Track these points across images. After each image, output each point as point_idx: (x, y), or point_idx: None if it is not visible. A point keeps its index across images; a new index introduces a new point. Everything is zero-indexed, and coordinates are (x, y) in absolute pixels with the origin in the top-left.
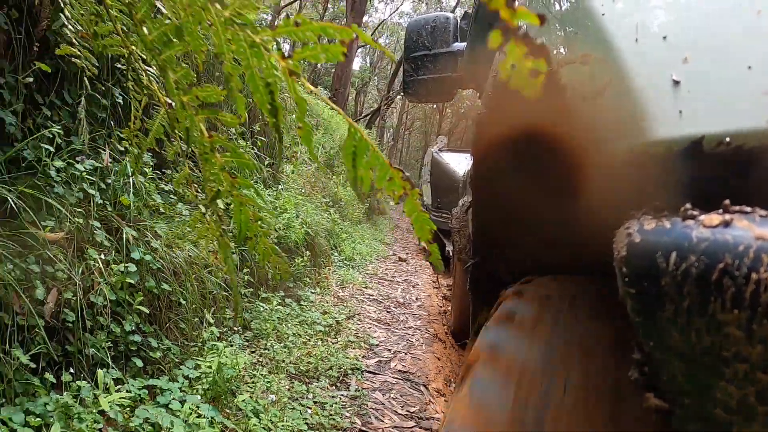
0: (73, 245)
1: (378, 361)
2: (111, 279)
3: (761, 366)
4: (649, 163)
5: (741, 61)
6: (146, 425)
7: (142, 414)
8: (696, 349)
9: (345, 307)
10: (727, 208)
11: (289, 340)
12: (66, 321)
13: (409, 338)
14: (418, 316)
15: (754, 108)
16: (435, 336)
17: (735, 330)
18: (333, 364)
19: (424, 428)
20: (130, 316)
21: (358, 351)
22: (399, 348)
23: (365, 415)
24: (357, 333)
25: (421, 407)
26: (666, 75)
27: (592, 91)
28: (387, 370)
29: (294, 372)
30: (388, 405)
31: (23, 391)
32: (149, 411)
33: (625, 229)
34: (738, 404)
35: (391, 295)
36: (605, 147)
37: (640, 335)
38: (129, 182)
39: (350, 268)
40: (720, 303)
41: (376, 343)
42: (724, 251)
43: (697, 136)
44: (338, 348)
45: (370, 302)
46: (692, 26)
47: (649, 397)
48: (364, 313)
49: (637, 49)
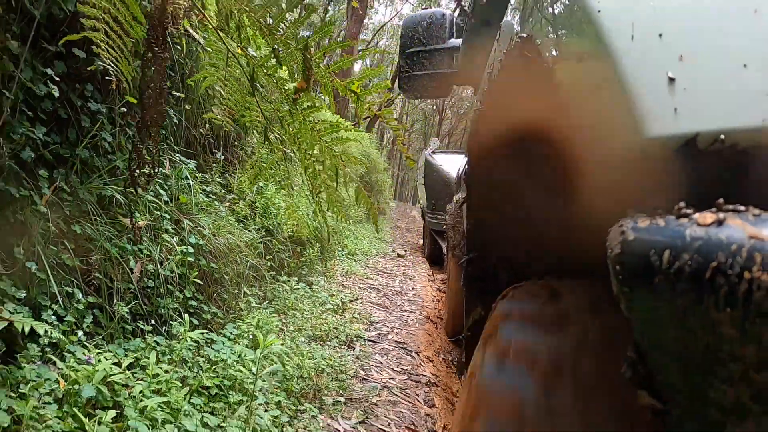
0: (151, 230)
1: (378, 334)
2: (176, 257)
3: (755, 365)
4: (643, 161)
5: (736, 59)
6: (210, 360)
7: (208, 353)
8: (690, 348)
9: (349, 293)
10: (720, 206)
11: (304, 313)
12: (147, 287)
13: (405, 318)
14: (414, 302)
15: (748, 106)
16: (427, 317)
17: (728, 329)
18: (341, 332)
19: (413, 380)
20: (189, 286)
21: (361, 325)
22: (396, 325)
23: (367, 368)
24: (360, 312)
25: (412, 367)
26: (661, 73)
27: (588, 89)
28: (385, 340)
29: (311, 335)
30: (386, 364)
31: (120, 335)
32: (210, 350)
33: (618, 227)
34: (732, 403)
35: (389, 285)
36: (600, 144)
37: (634, 333)
38: (186, 185)
39: (353, 262)
40: (713, 302)
41: (376, 320)
42: (717, 250)
43: (692, 133)
44: (345, 322)
45: (370, 290)
46: (688, 24)
47: (643, 395)
48: (366, 298)
49: (632, 47)
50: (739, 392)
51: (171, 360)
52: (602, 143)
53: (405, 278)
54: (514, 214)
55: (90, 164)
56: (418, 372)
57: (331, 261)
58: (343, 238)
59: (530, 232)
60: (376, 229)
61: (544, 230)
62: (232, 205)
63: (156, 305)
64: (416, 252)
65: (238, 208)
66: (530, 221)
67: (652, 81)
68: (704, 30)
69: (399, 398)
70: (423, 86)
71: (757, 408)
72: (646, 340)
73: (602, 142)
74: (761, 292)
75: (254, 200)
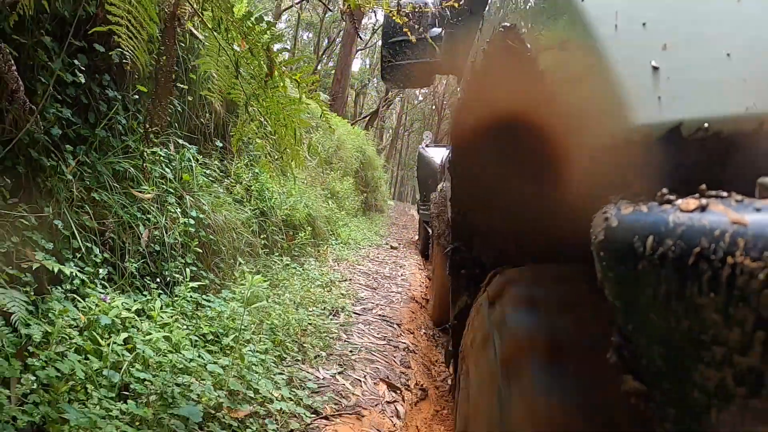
0: (158, 201)
1: (363, 308)
2: (179, 228)
3: (738, 349)
4: (628, 149)
5: (720, 47)
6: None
7: (206, 309)
8: (674, 333)
9: (339, 275)
10: (703, 192)
11: (295, 287)
12: (153, 251)
13: (391, 298)
14: (401, 286)
15: (732, 94)
16: (413, 298)
17: (712, 313)
18: (328, 303)
19: (392, 346)
20: (190, 254)
21: (348, 300)
22: (381, 303)
23: (350, 333)
24: (348, 290)
25: (393, 336)
26: (645, 61)
27: (571, 78)
28: (369, 313)
29: (299, 303)
30: (368, 332)
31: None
32: (207, 307)
33: (602, 214)
34: (716, 387)
35: (379, 271)
36: (584, 132)
37: (619, 319)
38: (188, 166)
39: (346, 249)
40: (697, 287)
41: (363, 297)
42: (700, 235)
43: (676, 121)
44: (333, 296)
45: (360, 274)
46: (672, 13)
47: (628, 379)
48: (355, 281)
49: (616, 36)
50: (723, 376)
51: (173, 313)
52: (586, 132)
53: (395, 266)
54: (498, 202)
55: (106, 143)
56: (398, 340)
57: (323, 247)
58: (336, 228)
59: (514, 220)
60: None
61: (528, 218)
62: (229, 187)
63: (161, 268)
64: (410, 246)
65: (235, 191)
66: (514, 209)
67: (636, 70)
68: (688, 19)
69: (377, 358)
70: (405, 75)
71: (741, 391)
72: (630, 325)
73: (586, 131)
74: (744, 276)
75: (250, 184)
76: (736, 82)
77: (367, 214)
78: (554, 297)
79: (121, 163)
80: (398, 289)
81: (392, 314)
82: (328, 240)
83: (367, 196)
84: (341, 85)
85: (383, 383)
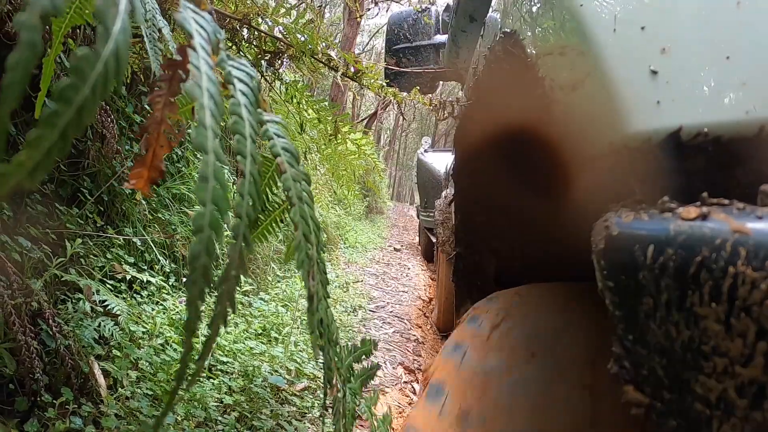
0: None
1: (376, 306)
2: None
3: (740, 360)
4: (627, 155)
5: (719, 51)
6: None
7: (252, 309)
8: (675, 343)
9: (352, 276)
10: (704, 200)
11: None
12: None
13: (399, 297)
14: (407, 285)
15: (731, 98)
16: (418, 297)
17: (713, 324)
18: (347, 303)
19: (405, 338)
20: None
21: (362, 299)
22: (391, 302)
23: (368, 328)
24: (362, 291)
25: (404, 329)
26: (644, 66)
27: (571, 83)
28: (382, 311)
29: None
30: (382, 327)
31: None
32: (253, 307)
33: (603, 222)
34: (717, 398)
35: (387, 272)
36: (584, 138)
37: (619, 329)
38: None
39: (354, 253)
40: (698, 297)
41: (375, 296)
42: (701, 244)
43: (675, 127)
44: (350, 297)
45: (369, 276)
46: (671, 16)
47: (629, 390)
48: (366, 282)
49: (615, 40)
50: (725, 387)
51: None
52: (586, 137)
53: (400, 267)
54: (502, 209)
55: (168, 171)
56: (409, 333)
57: (335, 252)
58: (344, 233)
59: (518, 227)
60: None
61: (531, 225)
62: None
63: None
64: (412, 248)
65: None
66: (518, 216)
67: (635, 74)
68: (687, 23)
69: (393, 347)
70: (409, 82)
71: (742, 402)
72: (630, 335)
73: (586, 137)
74: (746, 286)
75: None
76: (736, 86)
77: (369, 216)
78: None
79: (178, 187)
80: (405, 289)
81: (402, 311)
82: (337, 244)
83: (369, 199)
84: (341, 89)
85: (401, 367)
